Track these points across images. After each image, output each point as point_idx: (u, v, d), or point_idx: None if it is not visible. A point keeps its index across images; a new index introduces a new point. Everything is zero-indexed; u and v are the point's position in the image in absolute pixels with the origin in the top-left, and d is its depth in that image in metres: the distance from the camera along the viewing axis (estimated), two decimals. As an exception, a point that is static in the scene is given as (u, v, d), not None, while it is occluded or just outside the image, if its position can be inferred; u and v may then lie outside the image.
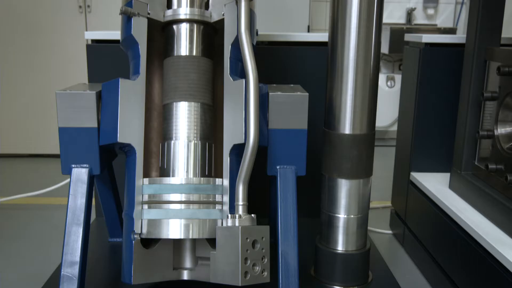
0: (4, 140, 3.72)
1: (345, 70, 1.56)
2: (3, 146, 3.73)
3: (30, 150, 3.76)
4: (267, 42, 2.13)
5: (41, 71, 3.63)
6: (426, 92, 2.12)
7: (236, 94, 1.46)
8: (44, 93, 3.63)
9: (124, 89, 1.43)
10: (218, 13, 1.54)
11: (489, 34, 1.77)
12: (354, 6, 1.51)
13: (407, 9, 4.38)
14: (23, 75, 3.63)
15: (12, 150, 3.75)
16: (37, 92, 3.65)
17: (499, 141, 1.69)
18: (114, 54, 2.05)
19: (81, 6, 3.55)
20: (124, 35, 1.52)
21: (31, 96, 3.66)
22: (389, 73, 4.29)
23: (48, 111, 3.63)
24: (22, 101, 3.67)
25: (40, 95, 3.64)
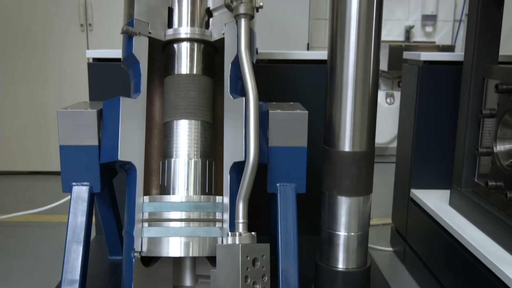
0: (4, 157, 3.72)
1: (344, 88, 1.57)
2: (3, 163, 3.74)
3: (31, 167, 3.76)
4: (267, 60, 2.15)
5: (42, 88, 3.65)
6: (425, 109, 2.13)
7: (236, 112, 1.47)
8: (45, 110, 3.65)
9: (125, 107, 1.44)
10: (219, 32, 1.56)
11: (487, 52, 1.79)
12: (352, 25, 1.53)
13: (406, 27, 4.42)
14: (24, 92, 3.65)
15: (12, 167, 3.75)
16: (38, 109, 3.66)
17: (498, 158, 1.69)
18: (115, 72, 2.07)
19: (83, 24, 3.59)
20: (125, 54, 1.53)
21: (32, 113, 3.67)
22: (388, 90, 4.31)
23: (48, 128, 3.64)
24: (23, 118, 3.68)
25: (41, 112, 3.66)
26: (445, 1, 4.41)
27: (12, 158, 3.73)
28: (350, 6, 1.53)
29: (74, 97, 3.36)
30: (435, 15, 4.39)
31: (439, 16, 4.43)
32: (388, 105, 4.24)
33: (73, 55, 3.60)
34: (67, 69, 3.62)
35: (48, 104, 3.64)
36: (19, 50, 3.60)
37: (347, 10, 1.53)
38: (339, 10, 1.55)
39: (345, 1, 1.53)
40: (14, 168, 3.75)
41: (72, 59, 3.60)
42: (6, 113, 3.67)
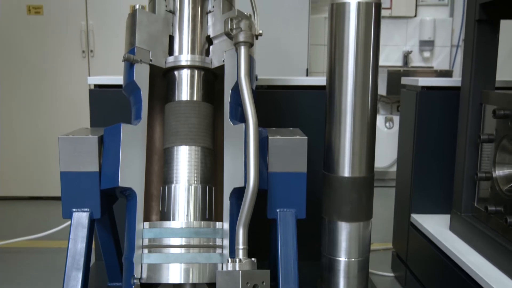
0: (4, 182, 3.72)
1: (343, 114, 1.58)
2: (3, 188, 3.73)
3: (31, 192, 3.76)
4: (267, 86, 2.17)
5: (43, 113, 3.67)
6: (424, 134, 2.14)
7: (236, 138, 1.48)
8: (45, 135, 3.66)
9: (126, 134, 1.45)
10: (219, 60, 1.58)
11: (484, 78, 1.81)
12: (350, 52, 1.55)
13: (404, 52, 4.47)
14: (25, 117, 3.68)
15: (12, 193, 3.75)
16: (38, 135, 3.68)
17: (497, 183, 1.70)
18: (116, 98, 2.09)
19: (84, 50, 3.63)
20: (127, 81, 1.55)
21: (32, 138, 3.69)
22: (387, 114, 4.34)
23: (49, 153, 3.65)
24: (23, 143, 3.70)
25: (41, 137, 3.67)
26: (442, 27, 4.47)
27: (12, 183, 3.73)
28: (348, 33, 1.55)
29: (75, 123, 3.39)
30: (432, 40, 4.44)
31: (437, 42, 4.48)
32: (387, 129, 4.26)
33: (74, 81, 3.63)
34: (68, 95, 3.65)
35: (49, 130, 3.66)
36: (20, 76, 3.63)
37: (345, 37, 1.56)
38: (337, 37, 1.58)
39: (343, 28, 1.56)
40: (14, 193, 3.75)
41: (73, 85, 3.63)
42: (7, 138, 3.69)
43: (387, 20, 4.37)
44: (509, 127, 1.62)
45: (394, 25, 4.44)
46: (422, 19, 4.44)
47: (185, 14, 1.61)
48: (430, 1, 4.47)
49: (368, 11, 1.55)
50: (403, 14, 4.43)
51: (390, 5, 4.40)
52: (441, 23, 4.46)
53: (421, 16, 4.47)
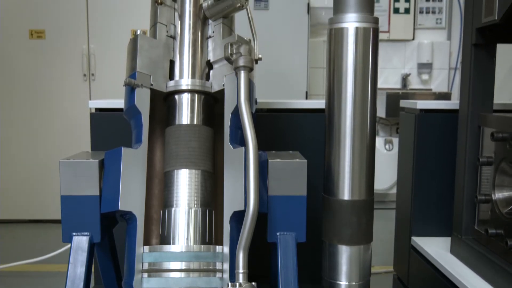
0: (4, 205, 3.72)
1: (342, 137, 1.59)
2: (3, 211, 3.73)
3: (30, 215, 3.75)
4: (266, 109, 2.18)
5: (44, 136, 3.69)
6: (423, 157, 2.15)
7: (236, 162, 1.49)
8: (45, 158, 3.67)
9: (126, 157, 1.46)
10: (219, 84, 1.60)
11: (482, 101, 1.83)
12: (349, 75, 1.57)
13: (402, 75, 4.51)
14: (26, 140, 3.69)
15: (12, 216, 3.74)
16: (38, 158, 3.69)
17: (497, 205, 1.70)
18: (117, 122, 2.10)
19: (86, 74, 3.66)
20: (128, 105, 1.57)
21: (33, 161, 3.69)
22: (387, 136, 4.36)
23: (49, 176, 3.65)
24: (23, 166, 3.70)
25: (41, 160, 3.68)
26: (439, 50, 4.51)
27: (12, 206, 3.73)
28: (346, 58, 1.57)
29: (75, 146, 3.40)
30: (431, 63, 4.49)
31: (435, 64, 4.52)
32: (387, 151, 4.27)
33: (75, 104, 3.66)
34: (69, 118, 3.67)
35: (49, 152, 3.67)
36: (21, 98, 3.66)
37: (344, 62, 1.58)
38: (336, 62, 1.60)
39: (342, 53, 1.58)
40: (13, 216, 3.74)
41: (74, 108, 3.66)
42: (7, 160, 3.69)
43: (385, 43, 4.42)
44: (508, 150, 1.63)
45: (392, 48, 4.49)
46: (420, 42, 4.49)
47: (185, 39, 1.64)
48: (428, 25, 4.53)
49: (366, 36, 1.57)
50: (401, 37, 4.48)
51: (388, 28, 4.45)
52: (439, 46, 4.51)
53: (419, 39, 4.52)
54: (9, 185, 3.71)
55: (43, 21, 3.64)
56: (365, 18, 1.56)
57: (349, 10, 1.56)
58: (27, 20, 3.63)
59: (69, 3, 3.64)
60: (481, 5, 1.71)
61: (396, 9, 4.45)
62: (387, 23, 4.45)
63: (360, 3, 1.55)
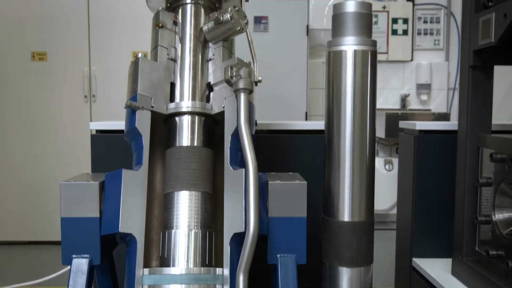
0: (4, 227, 3.71)
1: (342, 158, 1.60)
2: (2, 233, 3.71)
3: (30, 237, 3.74)
4: (266, 130, 2.20)
5: (45, 157, 3.69)
6: (423, 177, 2.15)
7: (236, 183, 1.50)
8: (46, 179, 3.67)
9: (127, 179, 1.46)
10: (219, 106, 1.61)
11: (480, 122, 1.84)
12: (348, 97, 1.59)
13: (401, 95, 4.53)
14: (26, 161, 3.69)
15: (11, 237, 3.73)
16: (39, 178, 3.69)
17: (497, 227, 1.70)
18: (117, 143, 2.11)
19: (87, 95, 3.69)
20: (128, 127, 1.58)
21: (32, 182, 3.69)
22: (386, 156, 4.36)
23: (49, 198, 3.65)
24: (23, 187, 3.70)
25: (42, 181, 3.68)
26: (438, 71, 4.55)
27: (12, 227, 3.71)
28: (345, 80, 1.59)
29: (76, 167, 3.41)
30: (429, 84, 4.52)
31: (433, 85, 4.56)
32: (387, 172, 4.27)
33: (76, 125, 3.67)
34: (69, 139, 3.68)
35: (49, 173, 3.67)
36: (22, 119, 3.68)
37: (342, 84, 1.60)
38: (335, 84, 1.62)
39: (340, 75, 1.60)
40: (13, 238, 3.73)
41: (75, 129, 3.67)
42: (7, 181, 3.69)
43: (384, 64, 4.46)
44: (507, 171, 1.63)
45: (391, 69, 4.52)
46: (418, 63, 4.53)
47: (186, 62, 1.66)
48: (426, 46, 4.57)
49: (364, 58, 1.59)
50: (399, 58, 4.52)
51: (387, 49, 4.50)
52: (437, 66, 4.55)
53: (417, 60, 4.56)
54: (9, 206, 3.70)
55: (45, 43, 3.67)
56: (363, 41, 1.58)
57: (347, 33, 1.58)
58: (29, 42, 3.67)
59: (71, 25, 3.68)
60: (478, 27, 1.73)
61: (394, 31, 4.50)
62: (385, 45, 4.50)
63: (358, 26, 1.57)
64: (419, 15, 4.54)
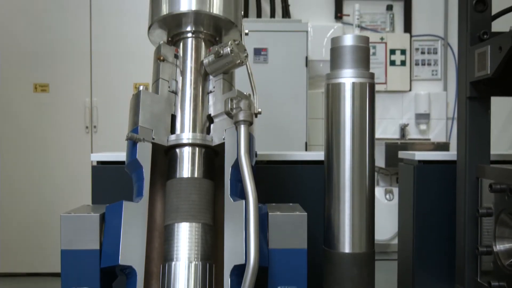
0: (3, 258, 3.68)
1: (341, 189, 1.61)
2: (2, 264, 3.68)
3: (29, 269, 3.70)
4: (266, 161, 2.21)
5: (45, 188, 3.69)
6: (423, 207, 2.15)
7: (237, 215, 1.50)
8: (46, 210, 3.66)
9: (127, 212, 1.47)
10: (219, 137, 1.63)
11: (478, 152, 1.85)
12: (347, 128, 1.60)
13: (401, 125, 4.55)
14: (27, 192, 3.69)
15: (11, 269, 3.69)
16: (39, 210, 3.68)
17: (499, 257, 1.69)
18: (118, 175, 2.12)
19: (88, 126, 3.71)
20: (129, 159, 1.59)
21: (33, 213, 3.68)
22: (387, 186, 4.36)
23: (48, 229, 3.63)
24: (23, 218, 3.69)
25: (42, 212, 3.67)
26: (436, 101, 4.58)
27: (12, 259, 3.68)
28: (344, 112, 1.61)
29: (77, 198, 3.40)
30: (428, 113, 4.54)
31: (432, 114, 4.58)
32: (387, 201, 4.26)
33: (76, 156, 3.68)
34: (70, 170, 3.69)
35: (50, 205, 3.66)
36: (23, 151, 3.69)
37: (341, 115, 1.61)
38: (334, 115, 1.64)
39: (339, 107, 1.62)
40: (13, 269, 3.69)
41: (75, 160, 3.68)
42: (7, 213, 3.68)
43: (382, 94, 4.50)
44: (506, 201, 1.64)
45: (390, 99, 4.56)
46: (416, 93, 4.57)
47: (187, 94, 1.68)
48: (424, 76, 4.62)
49: (362, 90, 1.61)
50: (398, 88, 4.56)
51: (385, 80, 4.54)
52: (435, 96, 4.59)
53: (416, 90, 4.60)
54: (9, 237, 3.68)
55: (48, 75, 3.72)
56: (361, 74, 1.60)
57: (346, 66, 1.60)
58: (31, 74, 3.71)
59: (73, 57, 3.73)
60: (474, 60, 1.77)
61: (392, 62, 4.55)
62: (384, 75, 4.54)
63: (355, 59, 1.60)
64: (417, 46, 4.61)
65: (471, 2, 1.81)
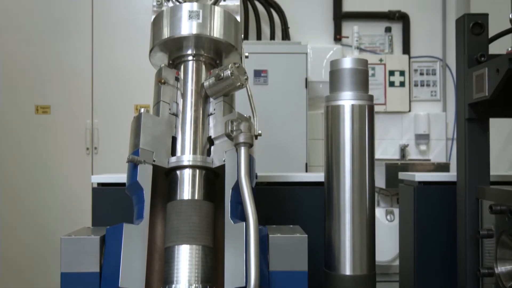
0: (4, 280, 3.65)
1: (342, 211, 1.61)
2: (2, 286, 3.66)
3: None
4: (266, 182, 2.21)
5: (46, 209, 3.68)
6: (424, 228, 2.15)
7: (237, 237, 1.50)
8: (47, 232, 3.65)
9: (128, 234, 1.46)
10: (219, 159, 1.63)
11: (478, 174, 1.86)
12: (346, 150, 1.61)
13: (400, 146, 4.56)
14: (27, 214, 3.68)
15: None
16: (39, 231, 3.67)
17: (500, 279, 1.68)
18: (118, 197, 2.12)
19: (89, 148, 3.72)
20: (130, 181, 1.59)
21: (33, 235, 3.67)
22: (387, 207, 4.35)
23: (49, 251, 3.62)
24: (23, 241, 3.67)
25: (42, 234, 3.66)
26: (436, 121, 4.60)
27: (12, 281, 3.66)
28: (343, 133, 1.62)
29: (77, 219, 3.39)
30: (428, 134, 4.56)
31: (432, 135, 4.60)
32: (388, 222, 4.25)
33: (77, 177, 3.68)
34: (71, 191, 3.69)
35: (50, 226, 3.65)
36: (23, 171, 3.69)
37: (341, 137, 1.62)
38: (333, 137, 1.65)
39: (339, 129, 1.63)
40: (11, 292, 3.67)
41: (76, 181, 3.68)
42: (8, 234, 3.67)
43: (382, 115, 4.51)
44: (507, 222, 1.64)
45: (389, 120, 4.58)
46: (416, 114, 4.59)
47: (187, 116, 1.69)
48: (423, 97, 4.65)
49: (362, 112, 1.62)
50: (397, 109, 4.58)
51: (385, 101, 4.56)
52: (435, 117, 4.61)
53: (415, 111, 4.62)
54: (9, 258, 3.66)
55: (49, 97, 3.74)
56: (360, 96, 1.62)
57: (345, 89, 1.62)
58: (33, 96, 3.74)
59: (75, 79, 3.76)
60: (472, 82, 1.78)
61: (392, 83, 4.59)
62: (383, 96, 4.57)
63: (354, 82, 1.61)
64: (415, 67, 4.65)
65: (468, 25, 1.84)
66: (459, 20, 1.92)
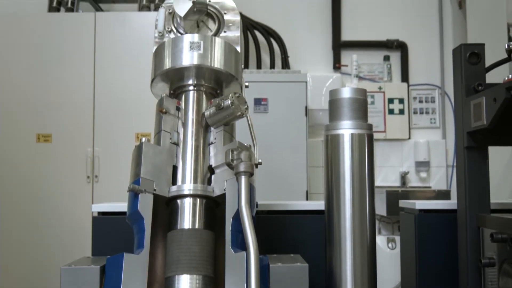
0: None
1: (342, 239, 1.61)
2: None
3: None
4: (266, 211, 2.21)
5: (45, 238, 3.67)
6: (425, 257, 2.14)
7: (237, 266, 1.49)
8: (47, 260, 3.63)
9: (128, 264, 1.46)
10: (220, 188, 1.64)
11: (478, 202, 1.86)
12: (346, 178, 1.62)
13: (401, 173, 4.57)
14: (27, 242, 3.67)
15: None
16: (39, 260, 3.65)
17: (503, 308, 1.67)
18: (118, 226, 2.11)
19: (89, 176, 3.72)
20: (131, 211, 1.60)
21: (32, 264, 3.64)
22: (389, 234, 4.33)
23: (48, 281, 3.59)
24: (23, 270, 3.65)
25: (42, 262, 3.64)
26: (436, 149, 4.62)
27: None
28: (343, 162, 1.63)
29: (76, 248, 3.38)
30: (428, 161, 4.57)
31: (432, 162, 4.61)
32: (390, 250, 4.22)
33: (77, 206, 3.68)
34: (71, 220, 3.68)
35: (51, 255, 3.63)
36: (24, 199, 3.69)
37: (341, 166, 1.63)
38: (333, 165, 1.65)
39: (338, 158, 1.64)
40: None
41: (76, 210, 3.68)
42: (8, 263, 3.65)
43: (382, 143, 4.53)
44: (508, 251, 1.63)
45: (389, 147, 4.59)
46: (416, 141, 4.61)
47: (188, 145, 1.70)
48: (423, 124, 4.68)
49: (361, 141, 1.64)
50: (397, 136, 4.61)
51: (384, 128, 4.59)
52: (434, 144, 4.63)
53: (415, 138, 4.65)
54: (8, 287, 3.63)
55: (50, 125, 3.77)
56: (359, 125, 1.63)
57: (344, 118, 1.64)
58: (34, 125, 3.76)
59: (76, 108, 3.79)
60: (470, 110, 1.80)
61: (391, 110, 4.62)
62: (383, 124, 4.59)
63: (353, 111, 1.63)
64: (414, 95, 4.69)
65: (465, 55, 1.87)
66: (456, 50, 1.95)
